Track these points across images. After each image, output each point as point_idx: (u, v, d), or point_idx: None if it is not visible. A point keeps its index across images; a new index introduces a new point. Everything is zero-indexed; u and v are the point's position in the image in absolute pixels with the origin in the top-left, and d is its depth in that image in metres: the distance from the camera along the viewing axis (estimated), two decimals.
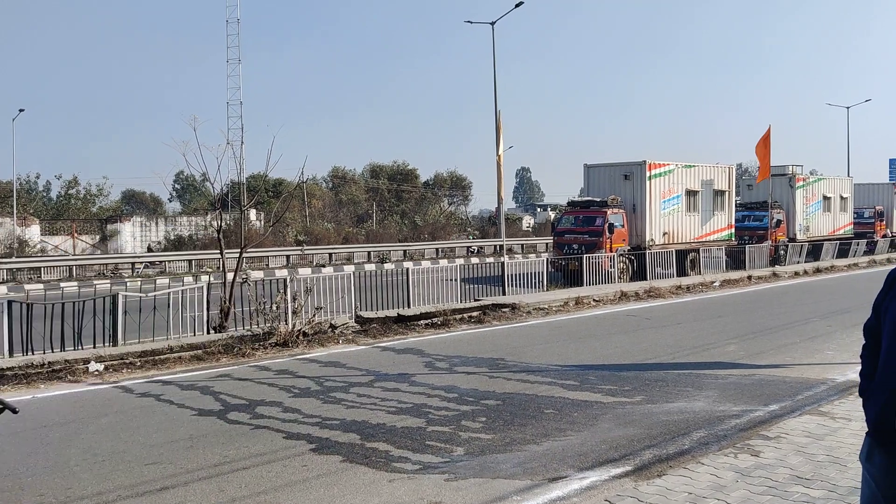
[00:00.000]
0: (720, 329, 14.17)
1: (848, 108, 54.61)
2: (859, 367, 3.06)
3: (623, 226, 24.91)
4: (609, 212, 24.60)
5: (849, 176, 39.66)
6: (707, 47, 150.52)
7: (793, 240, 32.20)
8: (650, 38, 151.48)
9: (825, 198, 35.24)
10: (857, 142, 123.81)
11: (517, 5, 34.92)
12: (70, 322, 11.54)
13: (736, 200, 31.13)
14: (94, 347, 11.53)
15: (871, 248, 35.77)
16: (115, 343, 11.84)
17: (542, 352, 11.97)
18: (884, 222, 40.12)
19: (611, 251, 23.72)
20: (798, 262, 29.84)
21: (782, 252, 30.32)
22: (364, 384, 9.69)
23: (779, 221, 31.57)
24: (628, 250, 24.57)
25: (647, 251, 24.28)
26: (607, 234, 24.19)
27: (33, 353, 11.07)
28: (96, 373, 10.65)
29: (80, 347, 11.48)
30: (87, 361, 10.85)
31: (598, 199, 25.39)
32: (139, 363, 11.24)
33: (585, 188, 27.60)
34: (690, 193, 26.95)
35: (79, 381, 10.23)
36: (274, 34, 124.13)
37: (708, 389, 8.97)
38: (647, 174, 25.16)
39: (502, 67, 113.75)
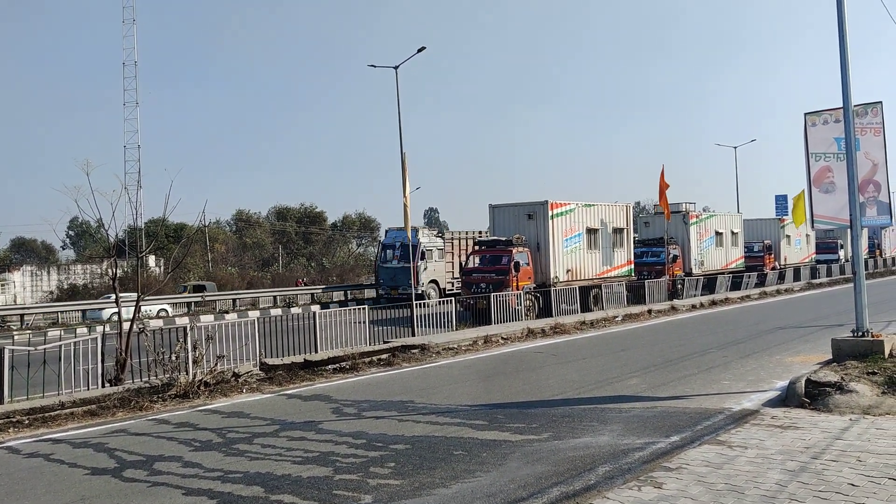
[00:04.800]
0: (623, 363, 14.51)
1: (735, 147, 57.65)
2: (754, 395, 3.17)
3: (528, 264, 25.50)
4: (514, 250, 25.17)
5: (738, 212, 41.62)
6: (597, 91, 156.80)
7: (689, 274, 33.53)
8: (543, 80, 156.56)
9: (717, 233, 36.93)
10: (747, 180, 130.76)
11: (419, 50, 35.52)
12: None
13: (634, 237, 32.24)
14: None
15: (761, 280, 37.48)
16: (0, 401, 11.13)
17: (452, 392, 11.96)
18: (772, 255, 42.29)
19: (517, 289, 24.13)
20: (695, 296, 31.01)
21: (679, 286, 31.49)
22: (269, 434, 9.42)
23: (675, 256, 32.89)
24: (534, 287, 25.15)
25: (552, 288, 24.80)
26: (513, 272, 24.64)
27: None
28: None
29: None
30: None
31: (504, 239, 25.96)
32: (27, 421, 10.59)
33: (491, 228, 28.11)
34: (591, 231, 27.85)
35: None
36: (173, 76, 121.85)
37: (613, 423, 9.13)
38: (550, 213, 25.98)
39: (407, 110, 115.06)
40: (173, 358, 12.56)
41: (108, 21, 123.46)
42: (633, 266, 30.15)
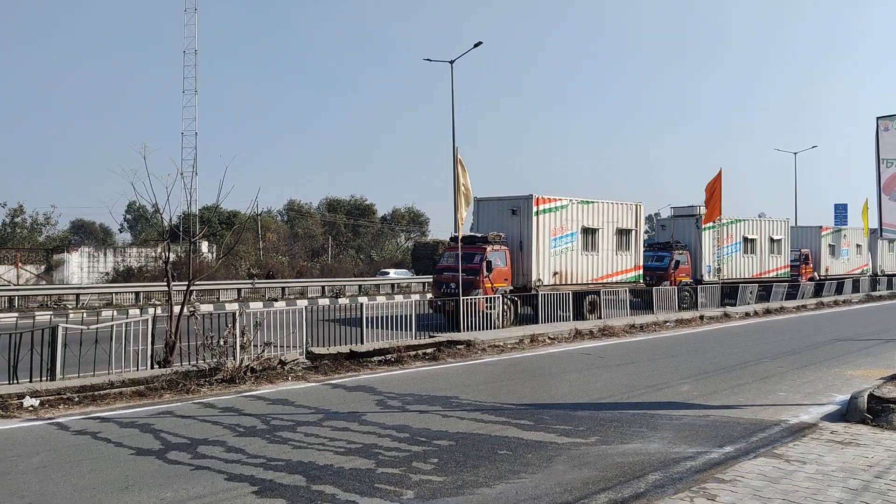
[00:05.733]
0: (674, 368, 14.16)
1: (795, 153, 56.24)
2: (812, 409, 2.95)
3: (506, 264, 23.11)
4: (489, 248, 22.77)
5: (785, 219, 37.49)
6: (644, 96, 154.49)
7: (699, 281, 30.70)
8: (590, 83, 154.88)
9: (747, 239, 33.85)
10: (806, 187, 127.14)
11: (476, 45, 35.47)
12: (5, 354, 11.02)
13: (646, 241, 30.51)
14: (31, 381, 11.02)
15: (793, 292, 34.97)
16: (52, 377, 11.33)
17: (497, 390, 11.79)
18: (810, 265, 39.70)
19: (490, 291, 22.05)
20: (704, 306, 28.20)
21: (688, 294, 28.55)
22: (312, 423, 9.38)
23: (678, 262, 30.50)
24: (511, 291, 22.82)
25: (536, 292, 22.62)
26: (485, 272, 22.34)
27: None
28: (31, 408, 10.15)
29: (15, 381, 10.96)
30: (21, 396, 10.36)
31: (480, 235, 23.65)
32: (77, 399, 10.75)
33: (476, 223, 25.81)
34: (588, 231, 25.35)
35: (11, 417, 9.73)
36: (231, 64, 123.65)
37: (663, 430, 8.86)
38: (535, 209, 23.54)
39: (461, 104, 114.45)
40: (221, 343, 12.63)
41: (169, 9, 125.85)
42: (641, 271, 27.42)
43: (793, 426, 9.08)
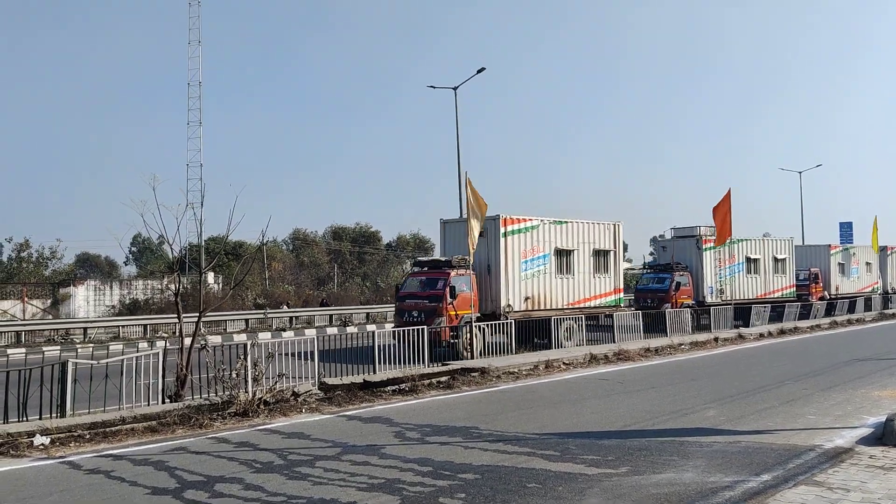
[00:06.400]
0: (696, 393, 13.85)
1: (800, 172, 56.14)
2: (845, 432, 2.70)
3: (472, 289, 21.22)
4: (453, 273, 21.15)
5: (789, 237, 36.70)
6: (648, 115, 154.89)
7: (701, 303, 29.95)
8: (589, 106, 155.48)
9: (750, 259, 33.16)
10: (809, 206, 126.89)
11: (479, 71, 35.52)
12: (14, 391, 10.77)
13: (648, 262, 29.93)
14: (40, 419, 10.77)
15: (805, 312, 34.17)
16: (62, 414, 11.08)
17: (518, 419, 11.50)
18: (820, 284, 39.14)
19: (455, 319, 20.52)
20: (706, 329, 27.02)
21: (692, 316, 27.10)
22: (331, 457, 9.10)
23: (678, 284, 29.93)
24: (478, 318, 20.53)
25: (506, 318, 21.02)
26: (448, 298, 20.68)
27: None
28: (41, 447, 9.89)
29: (24, 419, 10.71)
30: (31, 434, 10.10)
31: (444, 259, 22.28)
32: (88, 436, 10.49)
33: (441, 246, 24.65)
34: (562, 253, 23.94)
35: (22, 456, 9.47)
36: (234, 94, 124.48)
37: (694, 458, 8.56)
38: (503, 230, 22.22)
39: (464, 129, 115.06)
40: (234, 375, 12.38)
41: (171, 42, 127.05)
42: (621, 295, 26.09)
43: (828, 451, 8.78)
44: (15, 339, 28.69)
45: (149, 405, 12.02)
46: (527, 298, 22.52)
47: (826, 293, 39.20)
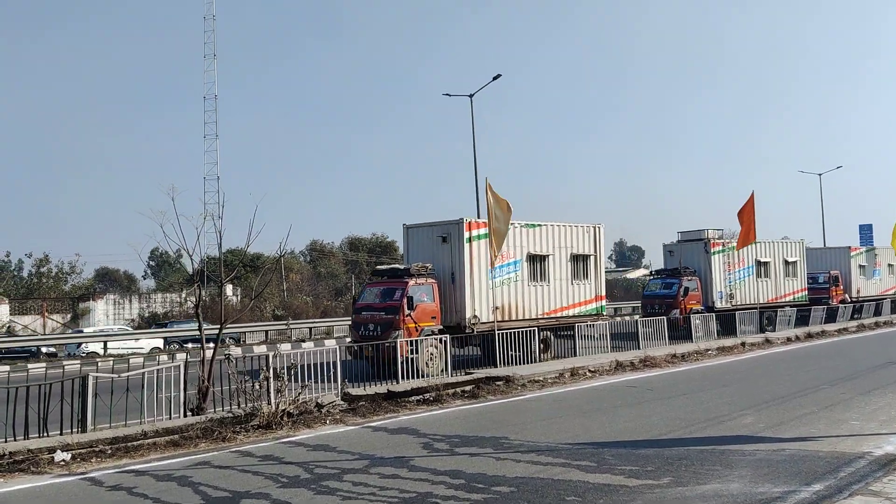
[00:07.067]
0: (729, 399, 13.45)
1: (820, 174, 55.41)
2: (892, 438, 2.37)
3: (433, 300, 19.61)
4: (411, 282, 19.31)
5: (800, 239, 35.70)
6: (651, 122, 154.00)
7: (711, 308, 28.69)
8: (600, 110, 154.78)
9: (760, 263, 31.73)
10: (831, 209, 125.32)
11: (494, 78, 35.31)
12: (35, 406, 10.57)
13: (653, 269, 28.71)
14: (61, 434, 10.54)
15: (827, 315, 33.30)
16: (83, 429, 10.85)
17: (548, 429, 11.16)
18: (840, 287, 37.93)
19: (416, 332, 18.72)
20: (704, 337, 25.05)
21: (699, 323, 25.44)
22: (359, 470, 8.81)
23: (687, 289, 28.78)
24: (440, 330, 19.13)
25: (472, 331, 19.48)
26: (406, 310, 18.82)
27: None
28: (62, 463, 9.66)
29: (45, 434, 10.50)
30: (52, 450, 9.87)
31: (402, 267, 20.59)
32: (110, 451, 10.26)
33: (405, 253, 22.57)
34: (536, 258, 21.81)
35: (43, 473, 9.25)
36: (249, 106, 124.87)
37: (739, 468, 8.19)
38: (467, 235, 20.11)
39: (480, 135, 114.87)
40: (257, 387, 12.13)
41: (188, 54, 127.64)
42: (604, 302, 23.99)
43: (879, 458, 8.38)
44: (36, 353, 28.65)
45: (170, 418, 11.80)
46: (496, 308, 20.38)
47: (847, 296, 38.32)
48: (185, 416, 12.07)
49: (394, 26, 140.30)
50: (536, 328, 20.44)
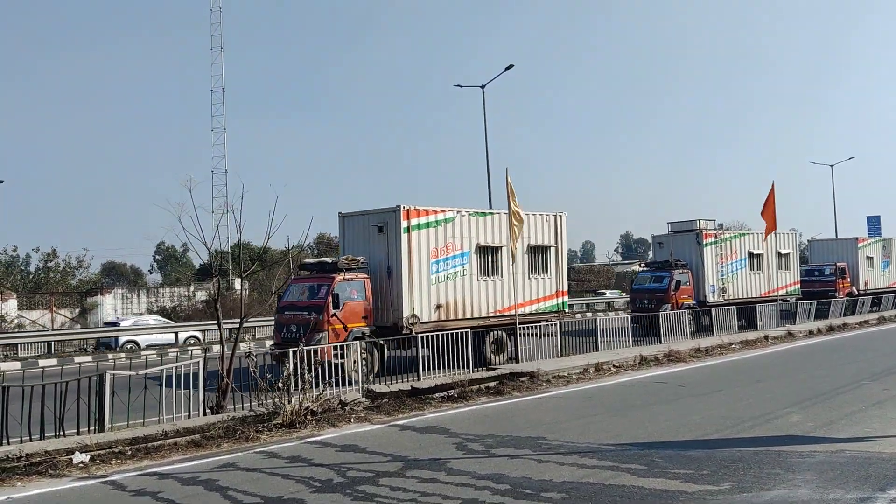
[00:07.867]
0: (768, 396, 12.95)
1: (832, 165, 54.68)
2: None
3: (365, 297, 17.68)
4: (339, 278, 17.34)
5: (791, 229, 35.51)
6: (689, 112, 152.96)
7: (702, 303, 27.35)
8: (637, 106, 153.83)
9: (752, 255, 30.52)
10: (840, 200, 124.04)
11: (507, 68, 34.73)
12: (51, 404, 10.13)
13: (645, 260, 28.00)
14: (78, 434, 10.10)
15: (830, 308, 31.74)
16: (101, 428, 10.41)
17: (586, 428, 10.68)
18: (847, 279, 37.06)
19: (343, 333, 16.90)
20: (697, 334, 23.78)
21: (691, 318, 24.19)
22: (393, 473, 8.35)
23: (678, 283, 27.72)
24: (373, 331, 17.52)
25: (410, 332, 17.18)
26: (332, 309, 16.92)
27: (9, 443, 9.66)
28: (81, 465, 9.23)
29: (62, 434, 10.06)
30: (70, 452, 9.43)
31: (331, 261, 18.36)
32: (130, 452, 9.82)
33: (341, 244, 20.39)
34: (486, 250, 19.64)
35: (62, 476, 8.81)
36: (258, 102, 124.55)
37: (801, 471, 7.70)
38: (404, 225, 18.00)
39: (499, 128, 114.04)
40: (280, 384, 11.67)
41: (195, 51, 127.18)
42: (565, 298, 21.73)
43: None
44: (46, 349, 28.27)
45: (189, 417, 11.36)
46: (438, 307, 18.48)
47: (854, 288, 37.29)
48: (205, 414, 11.63)
49: (409, 19, 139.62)
50: (487, 328, 18.86)
